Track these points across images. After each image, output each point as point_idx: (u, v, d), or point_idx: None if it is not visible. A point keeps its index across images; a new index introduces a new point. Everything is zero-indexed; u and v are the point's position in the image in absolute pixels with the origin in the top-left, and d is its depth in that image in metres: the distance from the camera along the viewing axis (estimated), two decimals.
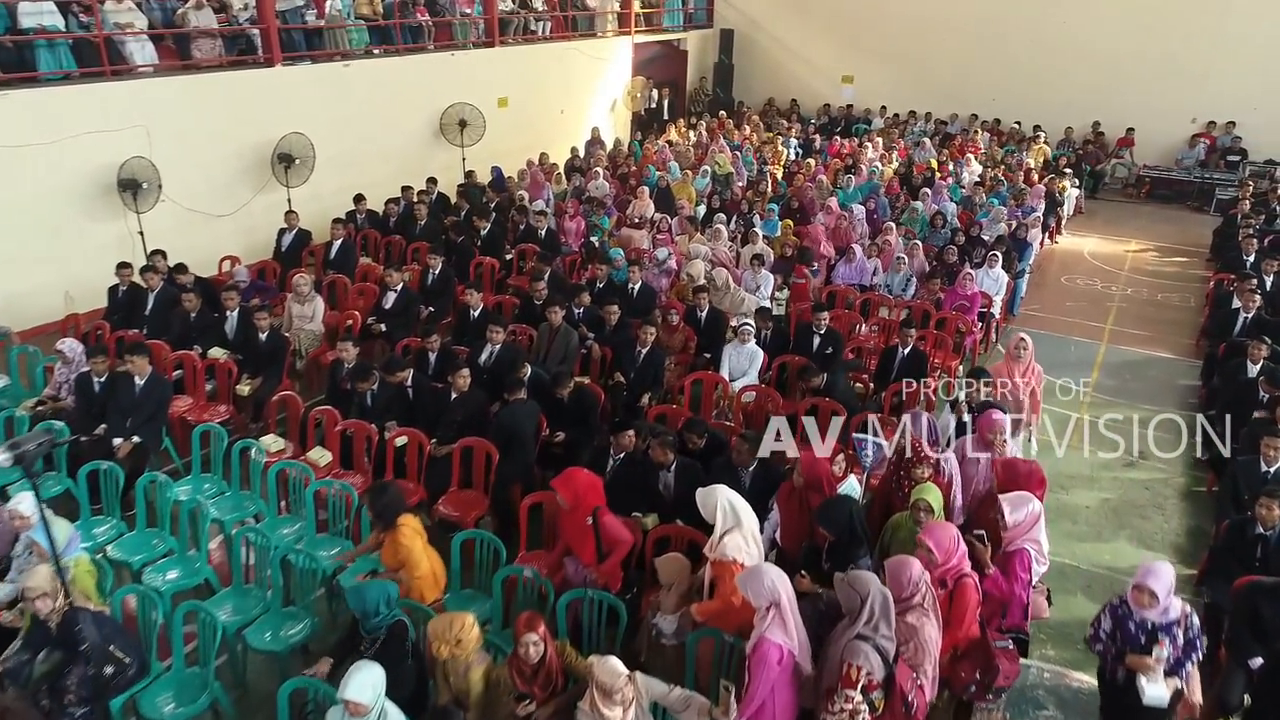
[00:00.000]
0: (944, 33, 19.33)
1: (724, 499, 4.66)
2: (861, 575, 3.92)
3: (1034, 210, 12.72)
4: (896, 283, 9.80)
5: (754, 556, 4.54)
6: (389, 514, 5.00)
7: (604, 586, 5.03)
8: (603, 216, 11.91)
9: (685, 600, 4.77)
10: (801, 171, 14.49)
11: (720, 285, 9.08)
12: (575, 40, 17.48)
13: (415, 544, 4.93)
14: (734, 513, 4.62)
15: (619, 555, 5.15)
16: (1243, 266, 10.57)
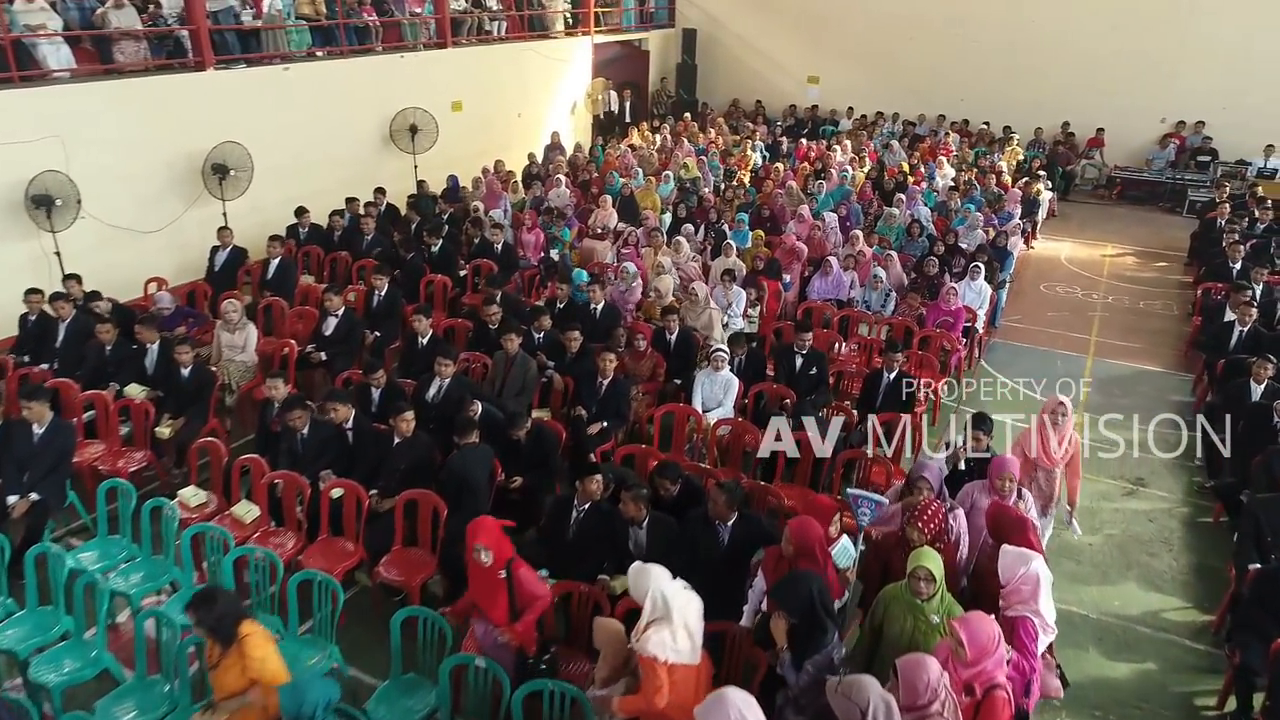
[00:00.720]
0: (911, 32, 18.92)
1: (655, 587, 3.98)
2: (859, 682, 3.30)
3: (1012, 216, 12.27)
4: (875, 297, 9.25)
5: (684, 654, 3.85)
6: (225, 627, 3.97)
7: (518, 649, 4.44)
8: (563, 228, 11.23)
9: (617, 675, 4.15)
10: (770, 177, 13.92)
11: (701, 300, 8.45)
12: (532, 41, 16.76)
13: (270, 652, 3.99)
14: (664, 603, 3.93)
15: (535, 613, 4.53)
16: (1230, 274, 10.20)
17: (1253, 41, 16.17)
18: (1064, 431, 5.50)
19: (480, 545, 4.42)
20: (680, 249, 10.02)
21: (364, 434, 6.17)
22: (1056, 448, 5.42)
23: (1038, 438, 5.56)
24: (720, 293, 8.99)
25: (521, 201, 12.63)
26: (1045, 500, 5.57)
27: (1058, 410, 5.58)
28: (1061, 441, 5.42)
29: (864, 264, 9.96)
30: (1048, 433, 5.55)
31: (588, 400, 6.96)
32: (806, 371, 7.33)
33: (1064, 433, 5.49)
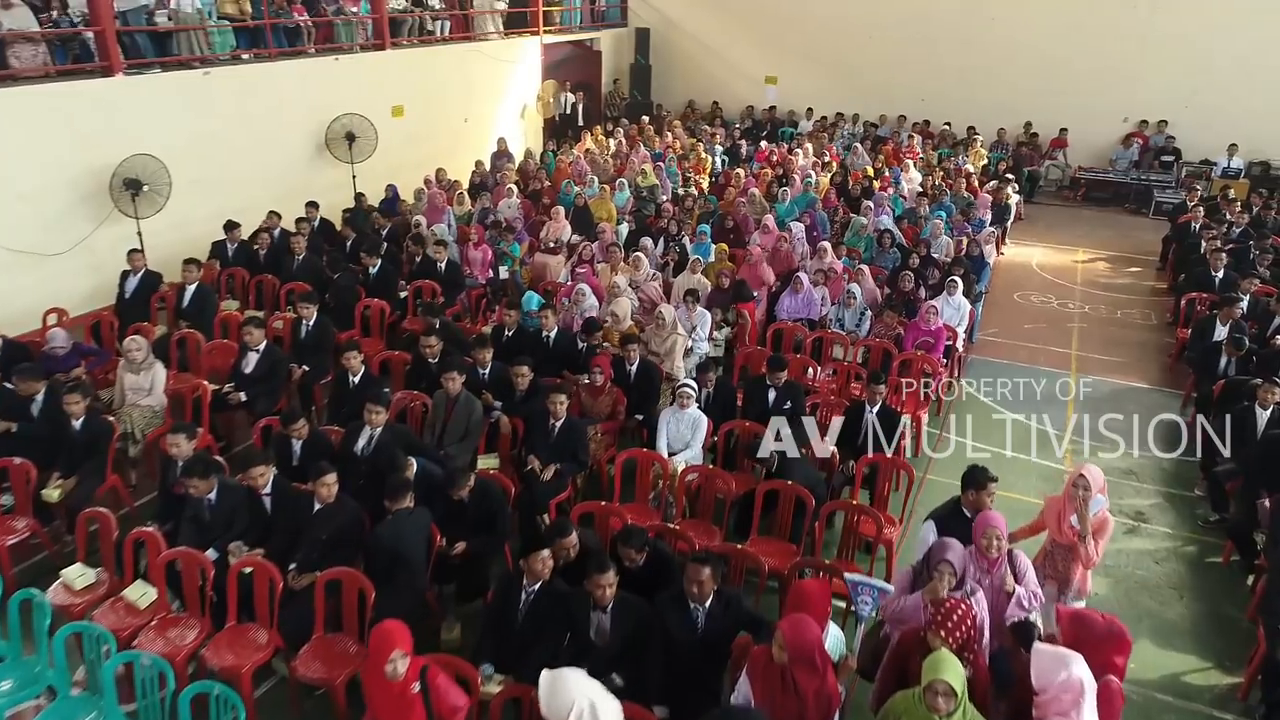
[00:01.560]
0: (870, 31, 18.44)
1: (581, 700, 3.32)
2: None
3: (984, 223, 11.76)
4: (849, 316, 8.62)
5: None
6: None
7: None
8: (513, 244, 10.44)
9: None
10: (732, 184, 13.27)
11: (668, 324, 7.73)
12: (478, 41, 15.92)
13: None
14: (593, 716, 3.27)
15: None
16: (1211, 284, 9.76)
17: (1213, 39, 15.94)
18: (1088, 506, 4.71)
19: (398, 653, 3.67)
20: (640, 266, 9.31)
21: (283, 497, 5.35)
22: (1076, 523, 4.72)
23: (1059, 510, 4.88)
24: (683, 315, 8.29)
25: (468, 214, 11.80)
26: (1061, 582, 4.88)
27: (1078, 482, 4.75)
28: (1084, 518, 4.69)
29: (835, 279, 9.34)
30: (1067, 506, 4.83)
31: (539, 444, 6.20)
32: (781, 406, 6.65)
33: (1088, 508, 4.70)
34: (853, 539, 5.66)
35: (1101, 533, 4.78)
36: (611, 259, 9.59)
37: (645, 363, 7.29)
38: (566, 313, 8.32)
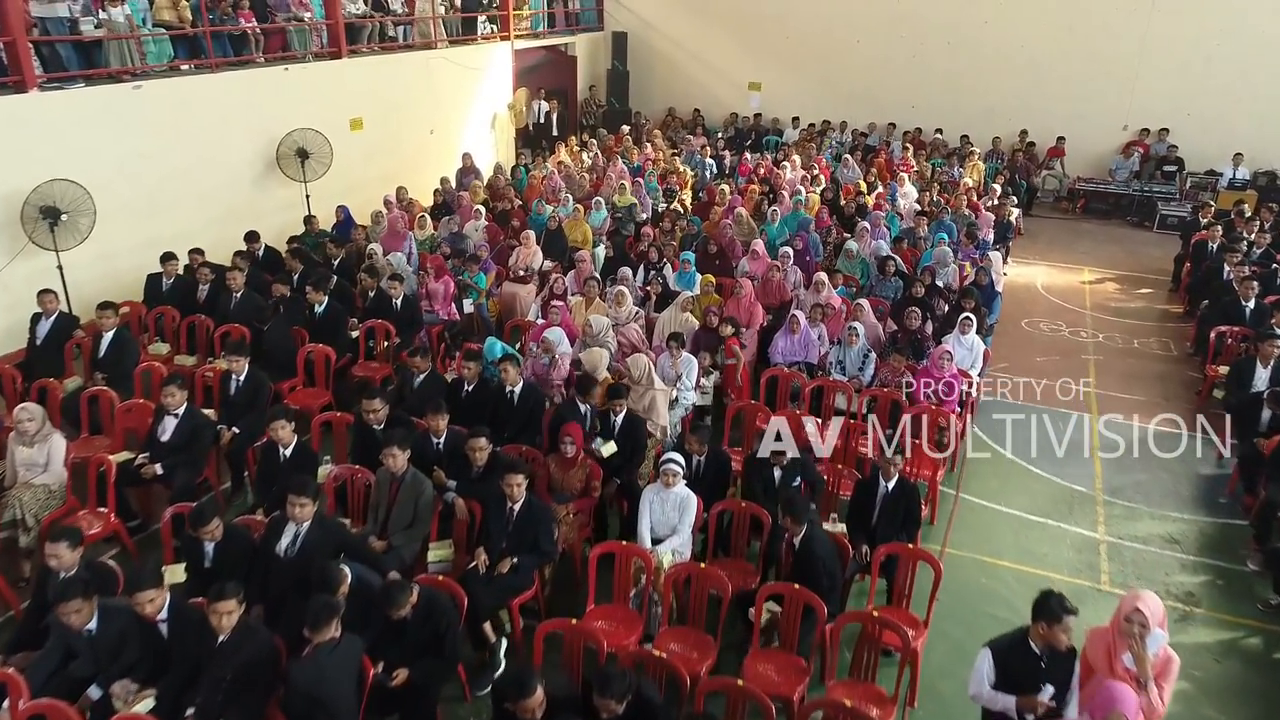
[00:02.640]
0: (858, 34, 17.63)
1: None
2: None
3: (989, 245, 10.92)
4: (851, 357, 7.73)
5: None
6: None
7: None
8: (478, 274, 9.48)
9: None
10: (716, 201, 12.36)
11: (640, 377, 6.80)
12: (443, 48, 14.92)
13: None
14: None
15: None
16: (1241, 315, 8.96)
17: (1216, 43, 15.25)
18: (1145, 645, 3.80)
19: None
20: (623, 302, 8.38)
21: (183, 622, 4.38)
22: (1132, 664, 3.82)
23: (1109, 645, 3.96)
24: (666, 363, 7.38)
25: (430, 239, 10.82)
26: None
27: (1133, 617, 3.82)
28: (1141, 659, 3.79)
29: (834, 316, 8.46)
30: (1121, 643, 3.90)
31: (495, 531, 5.27)
32: (789, 483, 5.75)
33: (1145, 646, 3.80)
34: (872, 651, 4.76)
35: (1166, 676, 3.89)
36: (588, 294, 8.65)
37: (631, 418, 6.37)
38: (535, 360, 7.37)
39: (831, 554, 5.04)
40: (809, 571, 4.84)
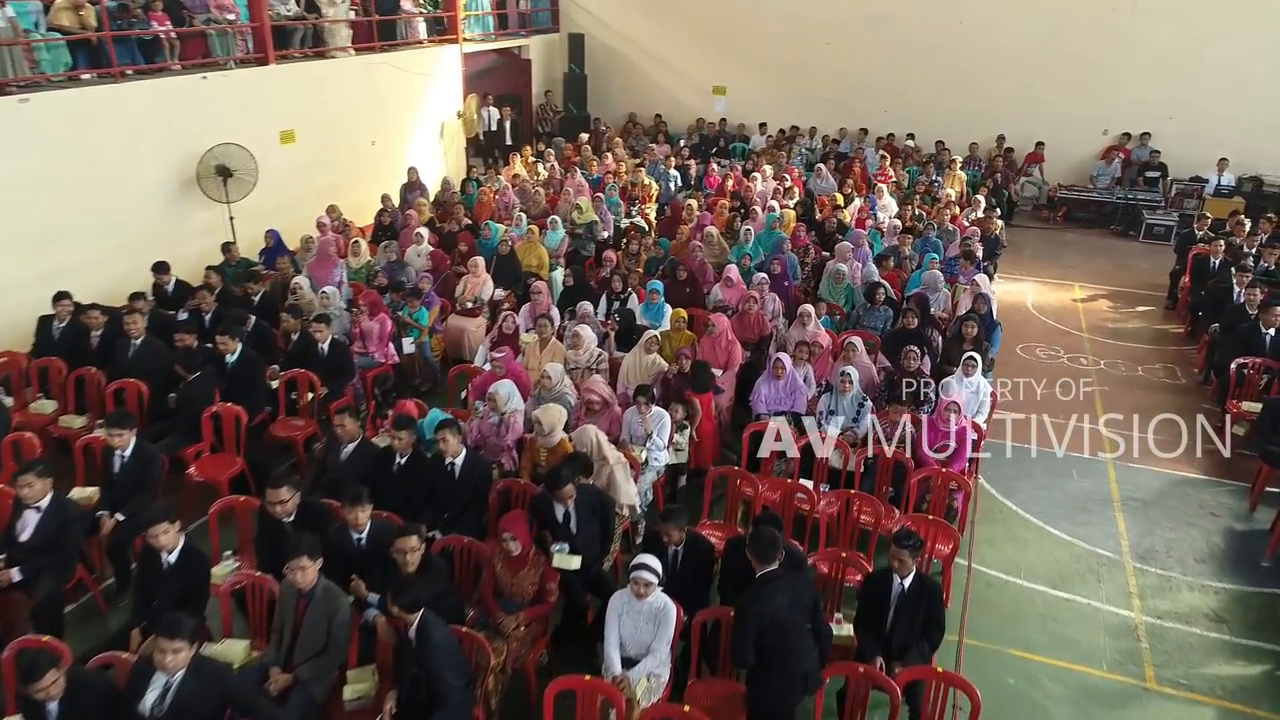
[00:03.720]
0: (826, 35, 16.77)
1: None
2: None
3: (982, 266, 10.06)
4: (845, 408, 6.78)
5: None
6: None
7: None
8: (419, 309, 8.41)
9: None
10: (684, 218, 11.38)
11: (593, 451, 5.77)
12: (384, 52, 13.77)
13: None
14: None
15: None
16: (1261, 344, 8.17)
17: (1199, 46, 14.61)
18: None
19: None
20: (581, 344, 7.37)
21: None
22: None
23: None
24: (634, 420, 6.38)
25: (366, 267, 9.70)
26: None
27: None
28: None
29: (822, 355, 7.52)
30: None
31: (429, 663, 4.22)
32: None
33: None
34: None
35: None
36: (542, 333, 7.62)
37: (590, 493, 5.34)
38: (481, 421, 6.33)
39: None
40: None
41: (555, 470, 5.18)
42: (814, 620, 4.43)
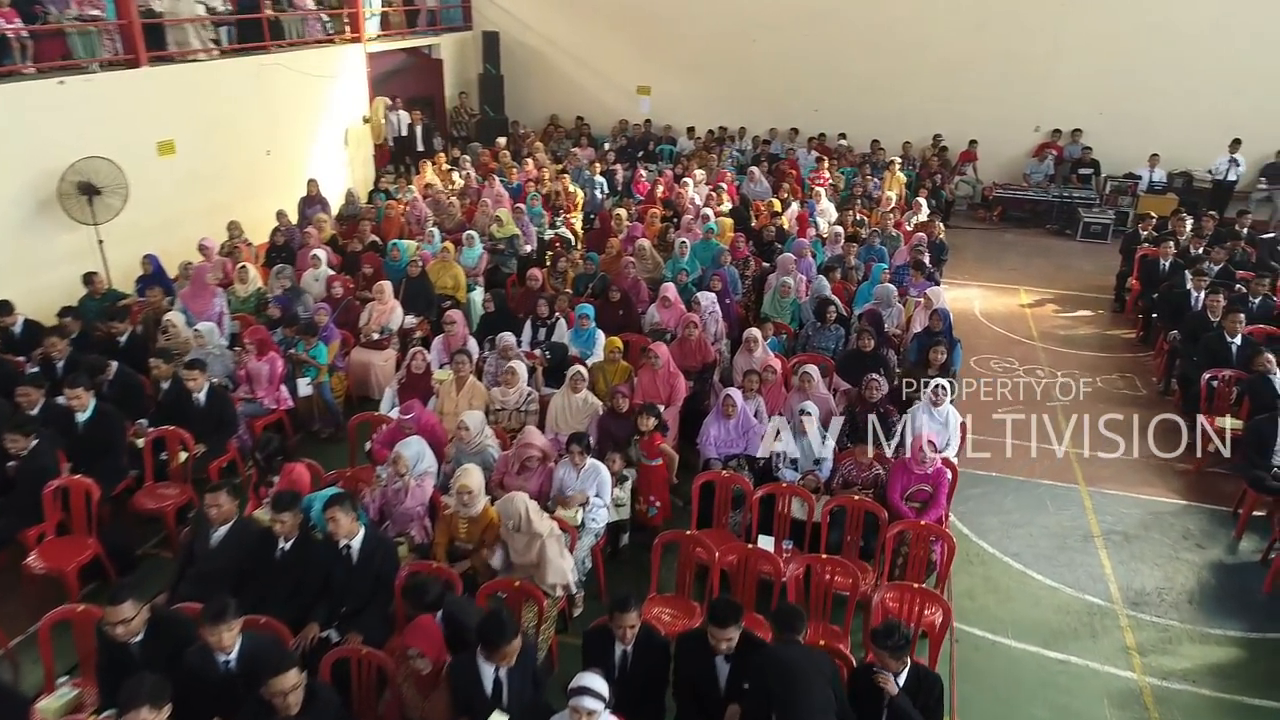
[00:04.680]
0: (754, 32, 16.12)
1: None
2: None
3: (933, 277, 9.46)
4: (805, 450, 6.01)
5: None
6: None
7: None
8: (316, 345, 7.36)
9: None
10: (613, 229, 10.53)
11: (518, 524, 4.85)
12: (278, 52, 12.55)
13: None
14: None
15: None
16: (1228, 355, 7.72)
17: (1129, 39, 14.45)
18: None
19: None
20: (514, 381, 6.46)
21: None
22: None
23: None
24: (568, 474, 5.50)
25: (255, 295, 8.56)
26: None
27: None
28: None
29: (774, 385, 6.75)
30: None
31: None
32: (737, 682, 3.97)
33: None
34: None
35: None
36: (460, 372, 6.66)
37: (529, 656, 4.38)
38: (384, 488, 5.35)
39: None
40: None
41: (490, 624, 3.83)
42: (836, 694, 3.67)
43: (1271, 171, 14.18)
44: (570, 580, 4.92)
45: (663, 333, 8.03)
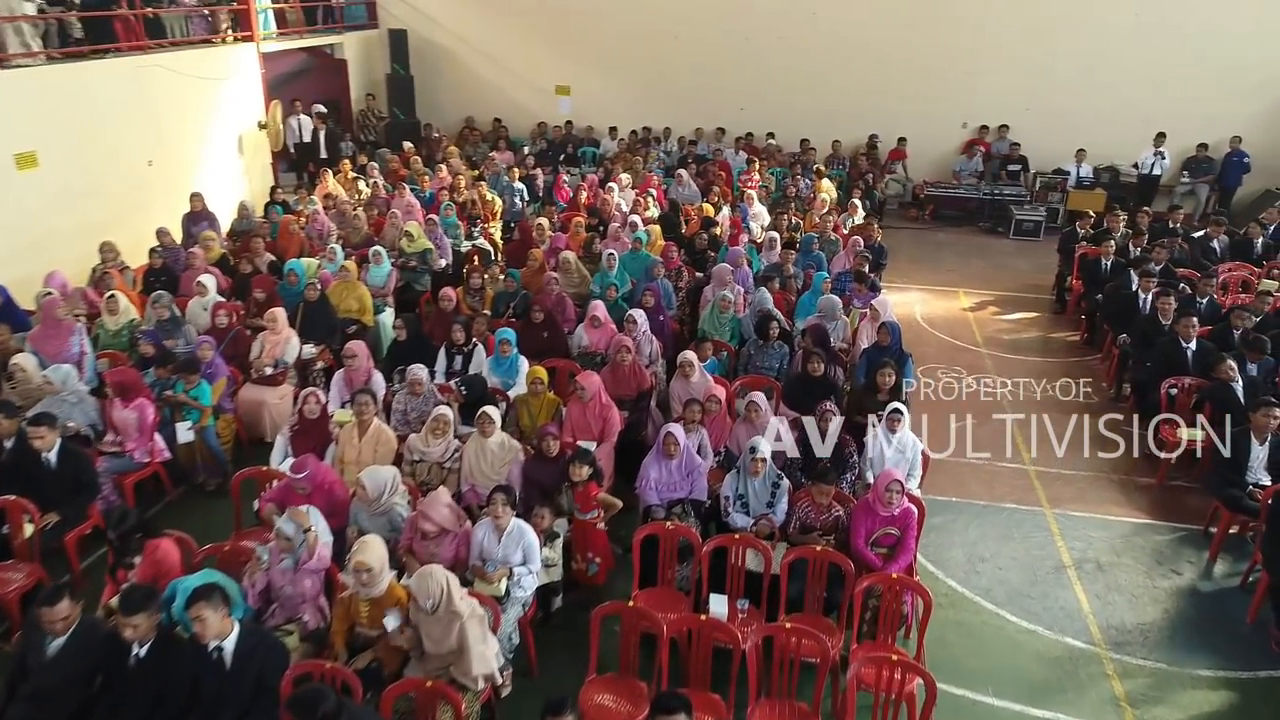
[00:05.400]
0: (676, 28, 15.51)
1: None
2: None
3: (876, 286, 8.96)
4: (756, 493, 5.36)
5: None
6: None
7: None
8: (198, 385, 6.43)
9: None
10: (535, 239, 9.77)
11: (436, 606, 4.07)
12: (159, 53, 11.41)
13: None
14: None
15: None
16: (1184, 360, 7.38)
17: (1054, 34, 14.31)
18: None
19: None
20: (445, 433, 5.66)
21: None
22: None
23: None
24: (489, 539, 4.74)
25: (129, 328, 7.53)
26: None
27: None
28: None
29: (718, 416, 6.11)
30: None
31: None
32: None
33: None
34: None
35: None
36: (363, 415, 5.82)
37: None
38: (271, 570, 4.50)
39: None
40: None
41: None
42: None
43: (1193, 165, 14.22)
44: (494, 669, 4.17)
45: (593, 356, 7.34)
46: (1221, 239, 10.40)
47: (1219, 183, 14.20)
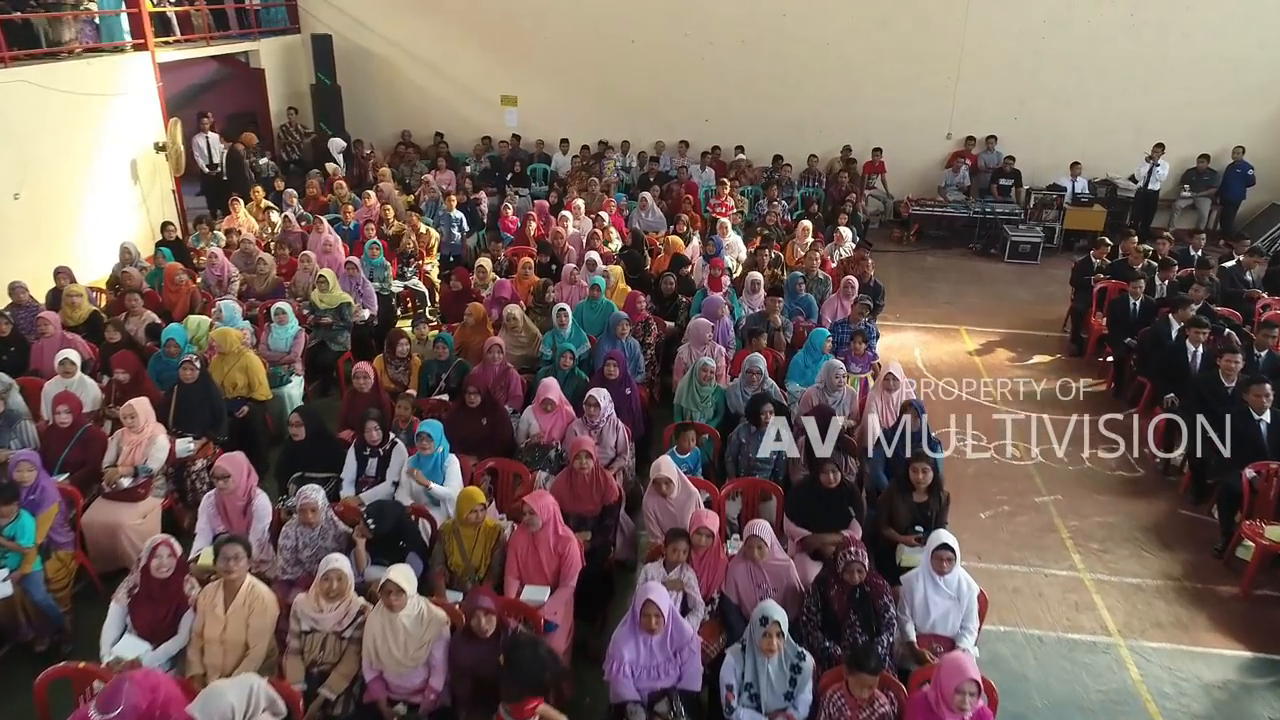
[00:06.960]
0: (633, 33, 14.07)
1: None
2: None
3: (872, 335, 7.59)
4: (771, 677, 3.91)
5: None
6: None
7: None
8: (15, 519, 4.79)
9: None
10: (475, 283, 8.25)
11: None
12: (22, 65, 9.64)
13: None
14: None
15: None
16: (1258, 436, 6.11)
17: (1041, 37, 13.18)
18: None
19: None
20: (343, 593, 4.12)
21: None
22: None
23: None
24: None
25: None
26: None
27: None
28: None
29: (706, 553, 4.64)
30: None
31: None
32: None
33: None
34: None
35: None
36: (230, 573, 4.24)
37: None
38: None
39: None
40: None
41: None
42: None
43: (1194, 177, 13.15)
44: None
45: (545, 450, 5.85)
46: (1256, 270, 9.23)
47: (1221, 196, 13.14)
